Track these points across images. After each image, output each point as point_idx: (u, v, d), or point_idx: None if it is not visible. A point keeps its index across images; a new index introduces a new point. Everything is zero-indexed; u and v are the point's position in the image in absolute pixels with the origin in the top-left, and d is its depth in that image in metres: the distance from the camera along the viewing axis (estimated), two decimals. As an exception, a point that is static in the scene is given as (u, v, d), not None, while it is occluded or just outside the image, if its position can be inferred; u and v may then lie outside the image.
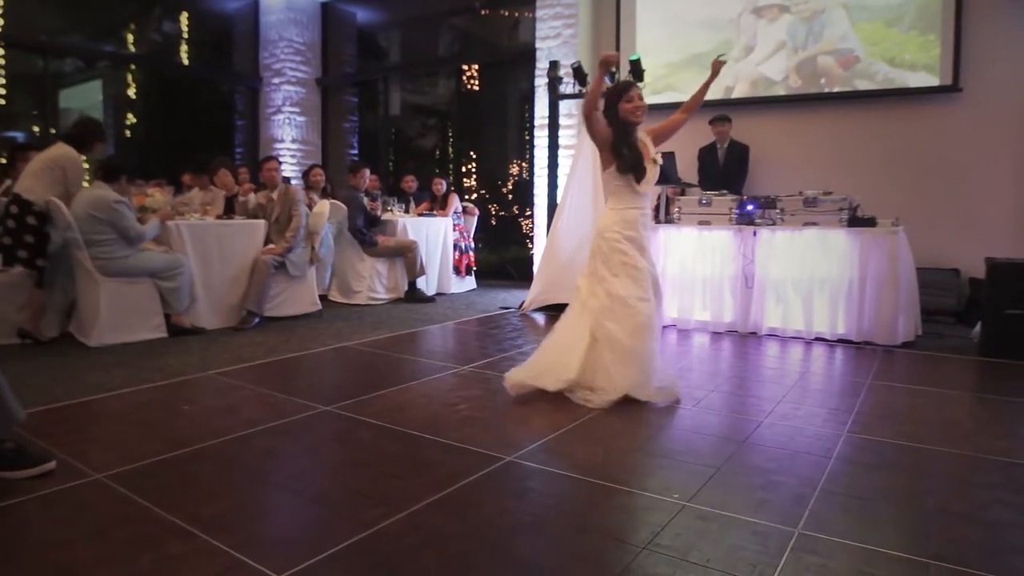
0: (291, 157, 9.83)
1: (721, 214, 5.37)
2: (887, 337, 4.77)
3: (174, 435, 2.80)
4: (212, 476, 2.42)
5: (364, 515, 2.09)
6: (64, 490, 2.26)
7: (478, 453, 2.64)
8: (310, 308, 5.77)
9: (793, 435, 2.90)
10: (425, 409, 3.24)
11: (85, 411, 3.16)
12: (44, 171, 4.55)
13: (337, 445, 2.81)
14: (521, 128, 9.26)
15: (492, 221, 9.28)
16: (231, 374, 3.83)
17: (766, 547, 1.92)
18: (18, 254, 4.46)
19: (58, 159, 4.59)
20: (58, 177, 4.55)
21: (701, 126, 6.59)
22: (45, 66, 8.21)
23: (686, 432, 2.95)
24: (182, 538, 1.94)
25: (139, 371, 3.83)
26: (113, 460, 2.50)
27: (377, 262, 6.69)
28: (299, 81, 9.92)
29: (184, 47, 9.80)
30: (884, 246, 4.78)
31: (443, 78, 10.01)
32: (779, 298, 5.11)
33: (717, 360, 4.46)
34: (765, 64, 6.72)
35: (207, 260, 5.10)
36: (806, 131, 6.56)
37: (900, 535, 2.03)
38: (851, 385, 3.80)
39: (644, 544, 1.93)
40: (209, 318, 5.10)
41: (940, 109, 6.02)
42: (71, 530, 1.99)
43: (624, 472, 2.49)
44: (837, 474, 2.47)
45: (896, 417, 3.19)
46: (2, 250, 4.50)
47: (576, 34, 7.40)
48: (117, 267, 4.53)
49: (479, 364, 4.16)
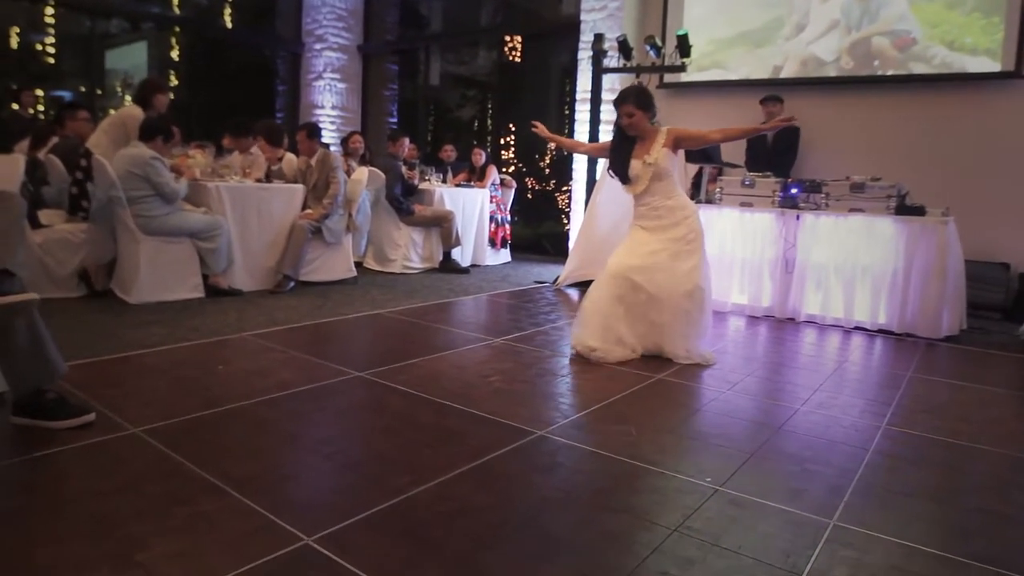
0: (331, 123, 9.85)
1: (764, 196, 5.25)
2: (930, 330, 4.64)
3: (208, 394, 2.84)
4: (244, 436, 2.45)
5: (394, 482, 2.10)
6: (102, 442, 2.31)
7: (509, 426, 2.63)
8: (345, 274, 5.80)
9: (830, 424, 2.84)
10: (457, 379, 3.24)
11: (124, 366, 3.21)
12: (111, 128, 4.91)
13: (368, 411, 2.82)
14: (562, 102, 9.14)
15: (528, 195, 9.22)
16: (265, 336, 3.86)
17: (800, 537, 1.88)
18: (82, 203, 4.64)
19: (123, 117, 4.94)
20: (122, 134, 4.84)
21: (752, 106, 6.44)
22: (92, 26, 8.30)
23: (720, 416, 2.91)
24: (214, 495, 1.96)
25: (176, 329, 3.89)
26: (150, 415, 2.54)
27: (413, 231, 6.70)
28: (340, 47, 9.89)
29: (228, 10, 9.83)
30: (932, 236, 4.64)
31: (484, 48, 9.91)
32: (819, 284, 5.00)
33: (753, 344, 4.39)
34: (816, 43, 6.52)
35: (245, 223, 5.15)
36: (856, 115, 6.37)
37: (939, 532, 1.97)
38: (891, 377, 3.71)
39: (675, 527, 1.91)
40: (245, 280, 5.16)
41: (999, 96, 5.78)
42: (108, 482, 2.02)
43: (656, 453, 2.46)
44: (874, 467, 2.42)
45: (937, 412, 3.11)
46: (69, 199, 4.69)
47: (622, 7, 7.25)
48: (157, 225, 4.58)
49: (512, 337, 4.14)
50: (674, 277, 3.65)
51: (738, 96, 6.79)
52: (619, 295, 3.68)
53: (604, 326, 3.66)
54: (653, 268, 3.66)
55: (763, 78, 6.74)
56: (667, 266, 3.67)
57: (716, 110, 6.83)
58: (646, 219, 3.78)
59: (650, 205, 3.76)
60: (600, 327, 3.66)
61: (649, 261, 3.67)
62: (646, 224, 3.78)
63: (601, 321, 3.67)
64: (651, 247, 3.71)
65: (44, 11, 7.95)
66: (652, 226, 3.75)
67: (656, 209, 3.75)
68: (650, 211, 3.76)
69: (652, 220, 3.75)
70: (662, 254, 3.69)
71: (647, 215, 3.78)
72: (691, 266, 3.69)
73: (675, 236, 3.71)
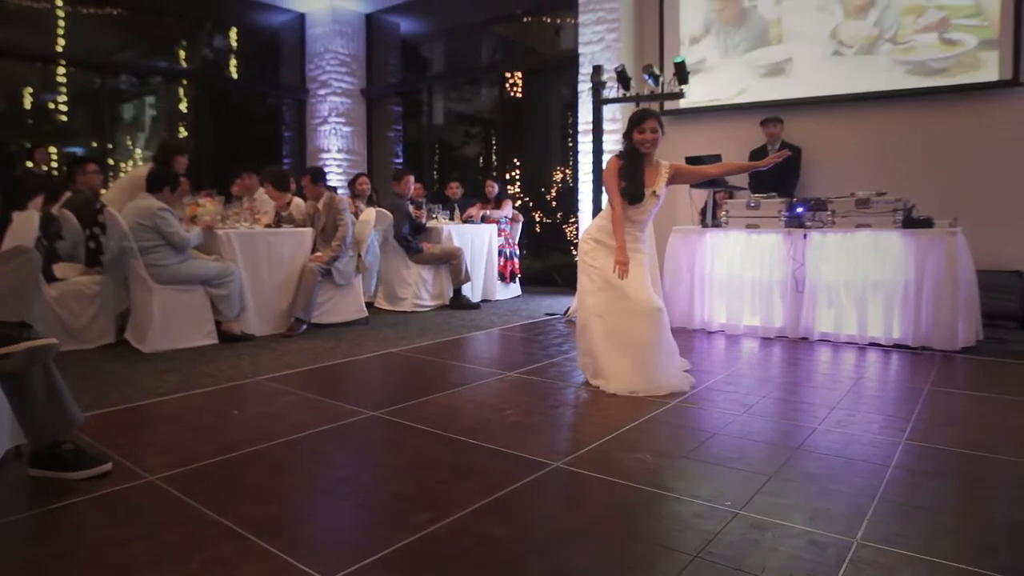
0: (337, 166, 9.98)
1: (770, 217, 5.26)
2: (946, 342, 4.61)
3: (224, 439, 2.85)
4: (261, 479, 2.45)
5: (412, 519, 2.09)
6: (119, 491, 2.31)
7: (526, 459, 2.62)
8: (357, 315, 5.82)
9: (849, 442, 2.81)
10: (472, 415, 3.23)
11: (140, 415, 3.23)
12: (130, 186, 5.02)
13: (384, 450, 2.81)
14: (564, 134, 9.24)
15: (536, 228, 9.26)
16: (279, 380, 3.88)
17: (824, 557, 1.86)
18: (99, 257, 4.76)
19: (141, 176, 4.98)
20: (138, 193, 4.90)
21: (752, 128, 6.49)
22: (102, 83, 8.50)
23: (737, 439, 2.88)
24: (232, 540, 1.96)
25: (191, 376, 3.91)
26: (166, 463, 2.55)
27: (423, 269, 6.73)
28: (344, 92, 10.07)
29: (233, 61, 10.05)
30: (941, 248, 4.62)
31: (486, 86, 10.06)
32: (831, 302, 4.97)
33: (767, 366, 4.36)
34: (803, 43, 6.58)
35: (256, 268, 5.20)
36: (857, 131, 6.39)
37: (965, 546, 1.94)
38: (909, 391, 3.67)
39: (696, 552, 1.89)
40: (258, 325, 5.19)
41: (999, 105, 5.80)
42: (126, 530, 2.03)
43: (674, 479, 2.44)
44: (896, 483, 2.38)
45: (958, 424, 3.07)
46: (86, 252, 4.80)
47: (619, 38, 7.36)
48: (170, 274, 4.64)
49: (525, 370, 4.14)
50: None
51: (738, 119, 6.85)
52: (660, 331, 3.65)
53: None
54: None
55: (762, 100, 6.79)
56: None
57: (717, 133, 6.89)
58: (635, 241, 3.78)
59: (632, 235, 3.75)
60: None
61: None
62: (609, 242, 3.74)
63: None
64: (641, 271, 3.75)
65: (56, 71, 8.16)
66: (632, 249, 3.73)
67: (638, 240, 3.80)
68: (631, 241, 3.73)
69: (631, 243, 3.72)
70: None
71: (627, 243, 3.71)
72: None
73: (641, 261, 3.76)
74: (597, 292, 3.72)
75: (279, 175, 6.04)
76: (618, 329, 3.64)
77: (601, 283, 3.71)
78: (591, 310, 3.73)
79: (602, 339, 3.66)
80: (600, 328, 3.67)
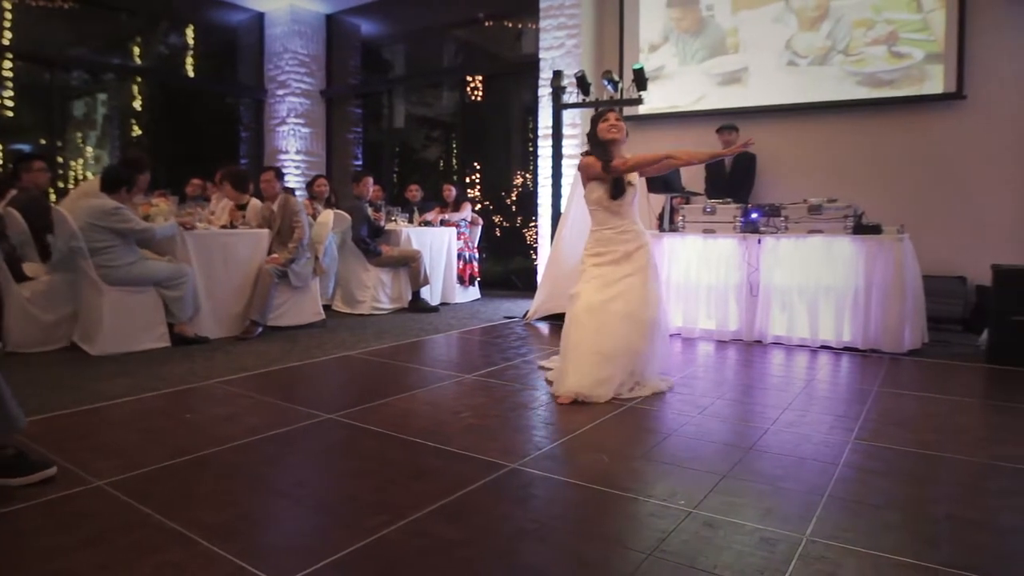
0: (295, 168, 9.87)
1: (726, 222, 5.35)
2: (893, 345, 4.74)
3: (176, 443, 2.79)
4: (214, 483, 2.41)
5: (367, 522, 2.07)
6: (65, 497, 2.25)
7: (482, 460, 2.62)
8: (314, 318, 5.76)
9: (800, 442, 2.87)
10: (429, 417, 3.22)
11: (87, 419, 3.14)
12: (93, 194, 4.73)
13: (340, 453, 2.79)
14: (525, 139, 9.27)
15: (496, 231, 9.28)
16: (234, 383, 3.81)
17: (774, 554, 1.89)
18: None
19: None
20: None
21: (708, 135, 6.60)
22: (52, 78, 8.27)
23: (691, 439, 2.92)
24: (183, 545, 1.92)
25: (142, 380, 3.82)
26: (114, 467, 2.49)
27: (381, 272, 6.69)
28: (303, 93, 9.96)
29: (190, 59, 9.87)
30: (890, 253, 4.76)
31: (447, 89, 10.05)
32: (784, 306, 5.08)
33: (722, 368, 4.43)
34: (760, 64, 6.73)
35: (211, 269, 5.11)
36: (811, 139, 6.55)
37: (910, 542, 1.99)
38: (858, 392, 3.77)
39: (650, 551, 1.91)
40: (212, 328, 5.10)
41: (944, 117, 6.00)
42: (71, 537, 1.97)
43: (629, 479, 2.47)
44: (845, 481, 2.44)
45: (904, 424, 3.16)
46: (41, 249, 4.72)
47: (579, 44, 7.42)
48: (121, 276, 4.53)
49: (483, 372, 4.14)
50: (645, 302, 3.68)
51: (696, 126, 6.95)
52: (596, 328, 3.62)
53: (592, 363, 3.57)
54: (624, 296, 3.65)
55: (719, 108, 6.91)
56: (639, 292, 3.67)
57: (675, 139, 6.98)
58: (613, 244, 3.71)
59: (619, 228, 3.72)
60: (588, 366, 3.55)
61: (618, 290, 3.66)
62: (610, 250, 3.72)
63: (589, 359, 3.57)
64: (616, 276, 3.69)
65: (2, 64, 7.91)
66: (619, 253, 3.70)
67: (626, 232, 3.72)
68: (619, 235, 3.71)
69: (620, 244, 3.70)
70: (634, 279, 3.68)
71: (614, 239, 3.71)
72: (656, 292, 3.75)
73: (641, 264, 3.72)
74: (594, 292, 3.66)
75: (238, 175, 5.94)
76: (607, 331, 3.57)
77: (599, 285, 3.68)
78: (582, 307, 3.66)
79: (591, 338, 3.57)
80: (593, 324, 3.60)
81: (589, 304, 3.65)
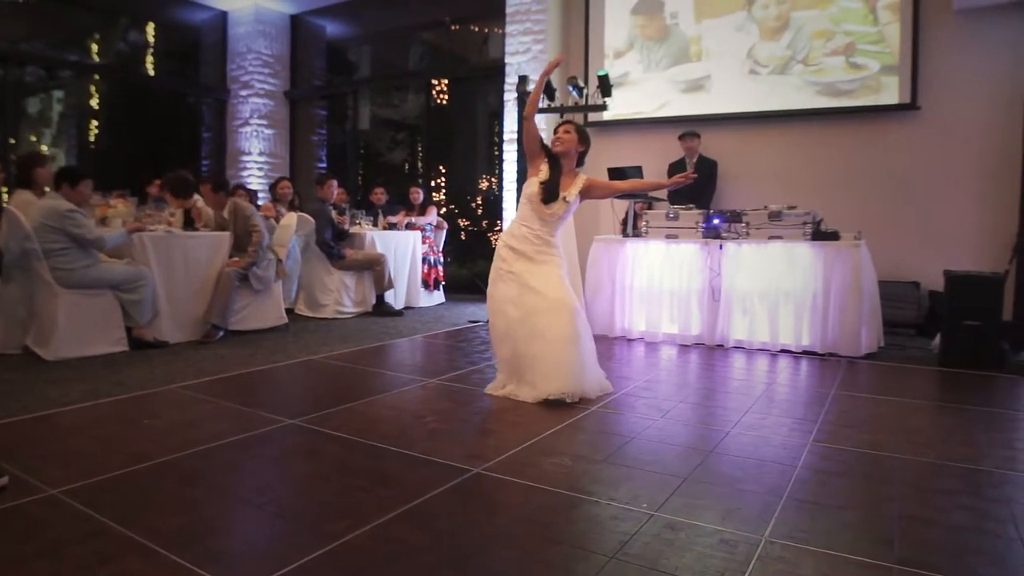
0: (258, 170, 9.74)
1: (688, 228, 5.43)
2: (851, 348, 4.85)
3: (134, 449, 2.73)
4: (173, 490, 2.37)
5: (329, 528, 2.06)
6: (16, 506, 2.19)
7: (445, 465, 2.61)
8: (276, 322, 5.69)
9: (760, 445, 2.93)
10: (392, 422, 3.21)
11: (41, 426, 3.06)
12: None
13: (302, 458, 2.76)
14: (491, 143, 9.29)
15: (462, 235, 9.27)
16: (194, 388, 3.75)
17: (734, 555, 1.93)
18: None
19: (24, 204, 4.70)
20: None
21: (671, 141, 6.69)
22: (5, 74, 8.05)
23: (653, 443, 2.96)
24: (141, 554, 1.89)
25: (98, 385, 3.74)
26: (70, 475, 2.43)
27: (345, 275, 6.64)
28: (267, 93, 9.85)
29: (150, 58, 9.70)
30: (847, 259, 4.87)
31: (412, 92, 10.02)
32: (745, 310, 5.17)
33: (684, 372, 4.49)
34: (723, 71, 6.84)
35: (171, 272, 5.01)
36: (771, 146, 6.68)
37: (865, 541, 2.04)
38: (816, 395, 3.85)
39: (612, 554, 1.93)
40: (172, 331, 5.00)
41: (900, 126, 6.16)
42: (23, 547, 1.92)
43: (592, 483, 2.49)
44: (803, 482, 2.50)
45: (860, 426, 3.24)
46: None
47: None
48: (77, 278, 4.43)
49: (447, 377, 4.13)
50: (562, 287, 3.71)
51: (659, 132, 7.04)
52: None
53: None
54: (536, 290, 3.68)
55: (682, 115, 7.01)
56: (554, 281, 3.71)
57: (639, 145, 7.07)
58: (527, 244, 3.72)
59: (536, 234, 3.73)
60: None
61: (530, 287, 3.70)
62: (523, 248, 3.73)
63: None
64: (527, 271, 3.72)
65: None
66: (530, 251, 3.71)
67: (538, 238, 3.73)
68: (533, 236, 3.72)
69: (528, 245, 3.71)
70: (546, 268, 3.73)
71: (527, 238, 3.72)
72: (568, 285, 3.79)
73: (557, 264, 3.76)
74: (516, 298, 3.67)
75: (178, 182, 5.57)
76: (539, 329, 3.58)
77: (518, 288, 3.68)
78: (512, 315, 3.67)
79: (526, 342, 3.62)
80: (523, 331, 3.63)
81: (508, 323, 3.70)
